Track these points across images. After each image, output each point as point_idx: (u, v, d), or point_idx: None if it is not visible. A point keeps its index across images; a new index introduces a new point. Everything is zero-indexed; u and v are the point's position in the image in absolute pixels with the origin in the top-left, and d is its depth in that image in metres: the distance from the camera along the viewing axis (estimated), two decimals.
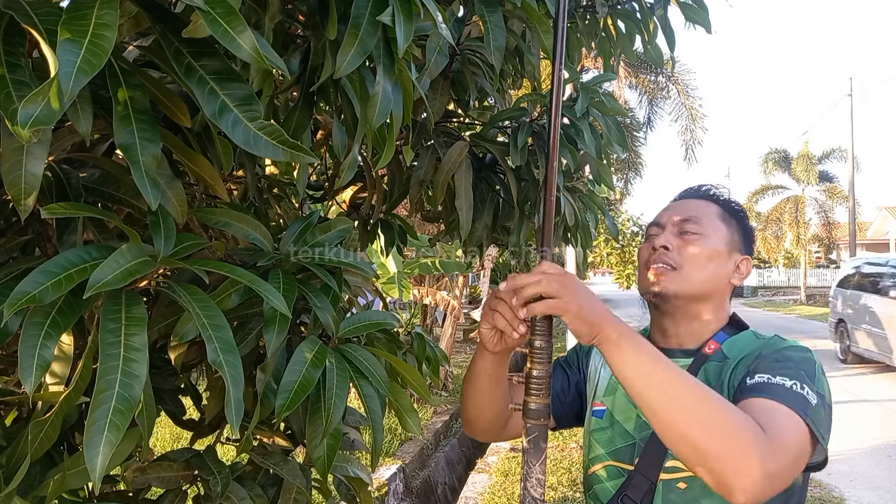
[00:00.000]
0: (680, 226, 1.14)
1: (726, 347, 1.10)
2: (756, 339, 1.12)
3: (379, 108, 0.84)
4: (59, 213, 0.72)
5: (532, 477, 0.95)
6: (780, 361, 1.01)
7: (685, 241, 1.13)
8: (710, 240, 1.13)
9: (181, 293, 0.76)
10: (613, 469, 1.14)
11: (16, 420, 1.02)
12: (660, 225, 1.18)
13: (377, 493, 3.88)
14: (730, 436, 0.83)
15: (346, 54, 0.77)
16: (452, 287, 8.00)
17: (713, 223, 1.15)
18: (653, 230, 1.19)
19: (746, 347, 1.09)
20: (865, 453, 5.58)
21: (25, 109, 0.55)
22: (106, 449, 0.62)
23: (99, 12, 0.57)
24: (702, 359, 1.10)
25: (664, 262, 1.12)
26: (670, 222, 1.16)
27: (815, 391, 0.97)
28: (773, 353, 1.04)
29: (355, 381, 1.06)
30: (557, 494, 4.40)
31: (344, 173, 1.05)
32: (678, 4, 1.75)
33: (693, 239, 1.13)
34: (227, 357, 0.72)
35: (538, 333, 0.97)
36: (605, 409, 1.19)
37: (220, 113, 0.69)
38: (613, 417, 1.17)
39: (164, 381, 1.16)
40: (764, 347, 1.07)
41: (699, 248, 1.12)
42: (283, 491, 1.21)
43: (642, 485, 1.07)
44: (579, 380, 1.29)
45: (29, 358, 0.64)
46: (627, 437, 1.13)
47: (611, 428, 1.17)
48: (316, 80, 0.94)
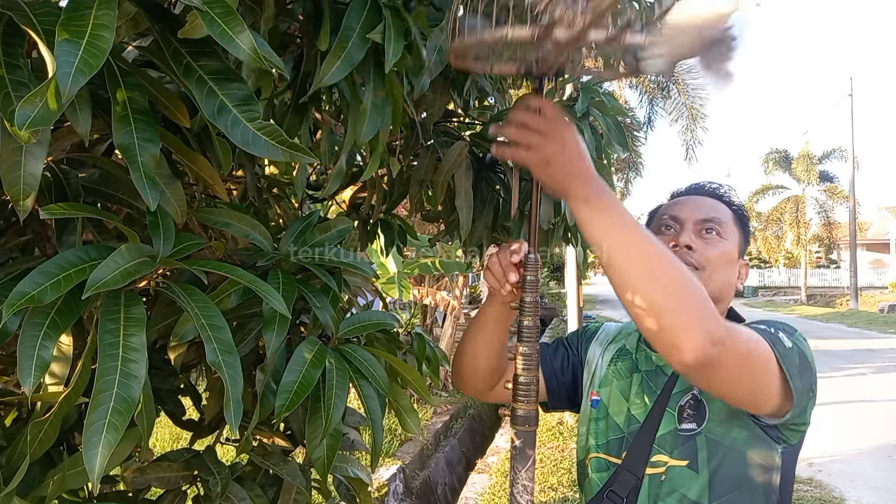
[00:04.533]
0: (702, 225, 1.14)
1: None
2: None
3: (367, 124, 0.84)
4: (57, 213, 0.72)
5: (518, 483, 0.94)
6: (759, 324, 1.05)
7: (707, 242, 1.13)
8: (728, 244, 1.14)
9: (180, 293, 0.76)
10: (602, 462, 1.16)
11: (15, 420, 1.02)
12: (678, 220, 1.16)
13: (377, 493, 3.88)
14: (686, 297, 0.87)
15: (332, 65, 0.79)
16: (452, 287, 8.00)
17: (730, 227, 1.16)
18: (669, 222, 1.17)
19: None
20: (865, 453, 5.58)
21: (23, 110, 0.55)
22: (105, 449, 0.62)
23: (97, 13, 0.57)
24: None
25: (687, 262, 1.10)
26: (691, 220, 1.15)
27: (792, 341, 1.01)
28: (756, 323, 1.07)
29: (355, 381, 1.06)
30: (557, 494, 4.40)
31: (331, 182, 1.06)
32: None
33: (716, 241, 1.13)
34: (226, 358, 0.72)
35: (525, 340, 0.97)
36: (599, 399, 1.21)
37: (218, 113, 0.69)
38: (607, 410, 1.18)
39: (163, 381, 1.16)
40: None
41: (720, 252, 1.13)
42: (282, 491, 1.21)
43: (628, 481, 1.08)
44: (577, 361, 1.29)
45: (28, 358, 0.64)
46: (617, 431, 1.15)
47: (604, 420, 1.18)
48: (308, 86, 0.95)
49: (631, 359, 1.21)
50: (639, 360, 1.20)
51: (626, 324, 1.29)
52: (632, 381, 1.17)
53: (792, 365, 0.97)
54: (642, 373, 1.17)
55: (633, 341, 1.24)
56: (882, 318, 18.33)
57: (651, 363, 1.18)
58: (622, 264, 0.89)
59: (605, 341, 1.28)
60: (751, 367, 0.93)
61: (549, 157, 0.88)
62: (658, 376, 1.15)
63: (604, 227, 0.90)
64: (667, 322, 0.86)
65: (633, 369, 1.19)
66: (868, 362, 9.94)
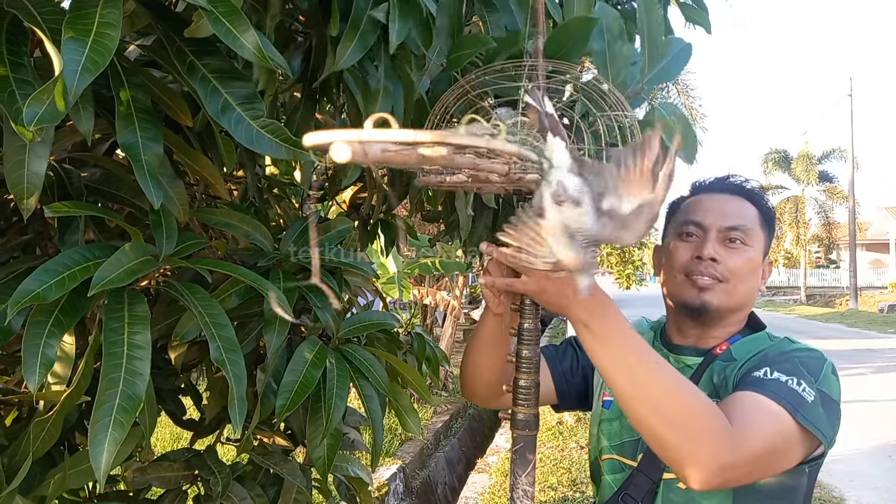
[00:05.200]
0: (727, 234, 1.07)
1: (735, 348, 1.09)
2: (769, 340, 1.10)
3: (380, 103, 0.84)
4: (62, 211, 0.72)
5: (518, 488, 0.92)
6: (783, 360, 1.00)
7: (732, 251, 1.07)
8: (753, 251, 1.08)
9: (183, 292, 0.76)
10: (616, 463, 1.13)
11: (16, 419, 1.02)
12: (702, 227, 1.09)
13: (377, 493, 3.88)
14: (690, 429, 0.85)
15: (346, 48, 0.78)
16: (452, 287, 8.00)
17: (755, 232, 1.09)
18: (692, 229, 1.11)
19: (755, 349, 1.07)
20: (865, 453, 5.57)
21: (30, 108, 0.55)
22: (111, 447, 0.62)
23: (102, 11, 0.57)
24: (710, 358, 1.09)
25: (711, 276, 1.06)
26: (715, 227, 1.08)
27: (816, 388, 0.96)
28: (779, 354, 1.02)
29: (355, 381, 1.06)
30: (557, 494, 4.40)
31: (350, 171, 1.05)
32: (678, 4, 1.75)
33: (741, 250, 1.07)
34: (230, 355, 0.73)
35: (525, 342, 0.95)
36: (612, 400, 1.17)
37: (222, 111, 0.70)
38: (620, 411, 1.14)
39: (164, 380, 1.16)
40: (771, 349, 1.05)
41: (745, 261, 1.07)
42: (283, 491, 1.21)
43: (644, 484, 1.06)
44: (586, 364, 1.26)
45: (33, 356, 0.64)
46: (632, 433, 1.11)
47: (618, 420, 1.15)
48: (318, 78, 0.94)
49: None
50: None
51: (637, 320, 1.27)
52: None
53: (818, 418, 0.93)
54: None
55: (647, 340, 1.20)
56: (882, 318, 18.34)
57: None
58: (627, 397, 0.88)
59: None
60: (770, 458, 0.91)
61: (540, 288, 0.87)
62: None
63: (608, 358, 0.88)
64: (673, 454, 0.86)
65: None
66: (868, 362, 9.94)
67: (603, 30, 1.00)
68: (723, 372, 1.06)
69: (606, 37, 1.00)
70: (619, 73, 1.00)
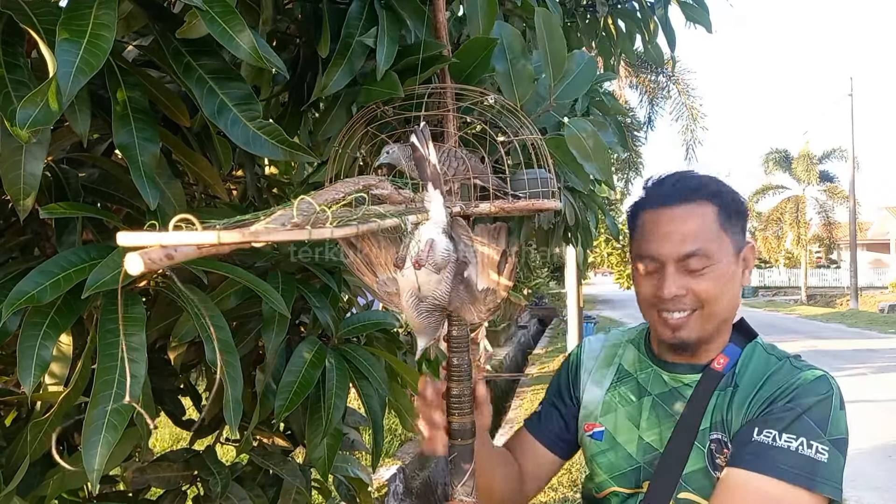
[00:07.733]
0: (686, 263, 0.96)
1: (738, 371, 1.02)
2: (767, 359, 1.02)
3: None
4: (58, 212, 0.72)
5: (455, 498, 0.92)
6: (790, 411, 0.92)
7: (696, 276, 0.96)
8: (721, 264, 0.96)
9: (180, 293, 0.76)
10: (621, 495, 1.06)
11: (15, 420, 1.02)
12: (658, 260, 0.98)
13: (377, 493, 3.88)
14: None
15: (333, 75, 0.80)
16: None
17: (717, 238, 0.97)
18: (648, 264, 1.00)
19: (757, 373, 1.00)
20: (865, 453, 5.57)
21: (24, 110, 0.55)
22: (104, 449, 0.62)
23: (97, 12, 0.57)
24: (712, 377, 1.02)
25: (680, 310, 0.98)
26: (672, 259, 0.96)
27: (827, 440, 0.89)
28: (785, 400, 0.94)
29: (355, 381, 1.06)
30: (557, 495, 4.40)
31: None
32: (679, 4, 1.75)
33: (706, 274, 0.96)
34: (226, 357, 0.72)
35: (455, 350, 0.93)
36: (604, 429, 1.10)
37: (219, 112, 0.70)
38: (614, 439, 1.08)
39: (163, 381, 1.16)
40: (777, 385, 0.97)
41: (713, 283, 0.96)
42: (282, 491, 1.20)
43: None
44: (576, 412, 1.16)
45: (28, 358, 0.64)
46: (630, 461, 1.05)
47: (612, 451, 1.07)
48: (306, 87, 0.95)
49: (634, 381, 1.09)
50: (646, 382, 1.08)
51: (611, 334, 1.20)
52: (641, 406, 1.06)
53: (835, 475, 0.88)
54: (653, 396, 1.06)
55: (630, 358, 1.12)
56: (882, 318, 18.32)
57: (663, 384, 1.05)
58: None
59: (592, 368, 1.16)
60: None
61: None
62: (674, 399, 1.03)
63: None
64: None
65: (640, 392, 1.07)
66: (868, 362, 9.92)
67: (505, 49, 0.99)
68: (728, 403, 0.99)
69: (509, 56, 1.00)
70: (526, 91, 1.01)
